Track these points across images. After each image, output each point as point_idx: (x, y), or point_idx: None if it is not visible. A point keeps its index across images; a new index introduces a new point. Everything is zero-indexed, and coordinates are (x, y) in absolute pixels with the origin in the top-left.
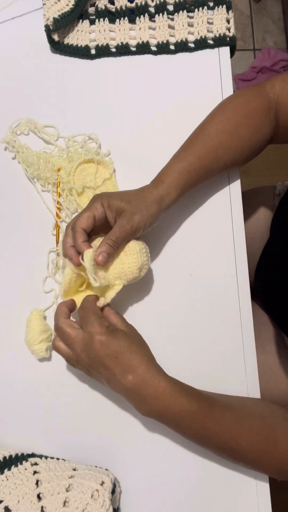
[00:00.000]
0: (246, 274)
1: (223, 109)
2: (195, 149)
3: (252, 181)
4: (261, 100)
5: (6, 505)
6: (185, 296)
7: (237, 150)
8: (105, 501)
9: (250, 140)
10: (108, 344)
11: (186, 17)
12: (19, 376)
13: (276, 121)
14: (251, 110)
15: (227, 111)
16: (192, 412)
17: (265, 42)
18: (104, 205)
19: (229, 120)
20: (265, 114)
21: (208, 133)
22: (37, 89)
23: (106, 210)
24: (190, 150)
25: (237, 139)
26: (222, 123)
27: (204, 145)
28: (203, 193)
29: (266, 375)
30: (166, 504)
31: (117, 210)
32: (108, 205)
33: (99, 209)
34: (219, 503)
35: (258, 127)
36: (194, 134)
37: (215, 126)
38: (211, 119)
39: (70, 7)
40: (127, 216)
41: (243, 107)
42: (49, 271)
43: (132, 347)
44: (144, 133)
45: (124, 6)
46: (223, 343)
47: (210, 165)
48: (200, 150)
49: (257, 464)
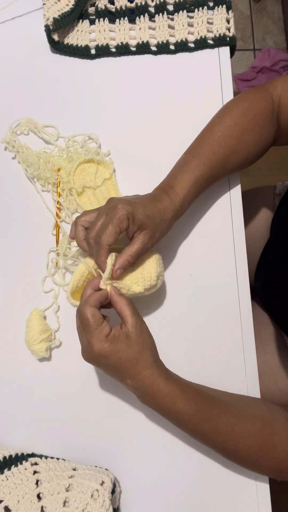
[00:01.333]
0: (246, 274)
1: (230, 113)
2: (206, 158)
3: (252, 181)
4: (265, 103)
5: (6, 505)
6: (185, 296)
7: (243, 156)
8: (105, 501)
9: (256, 145)
10: (107, 356)
11: (186, 17)
12: (19, 376)
13: (278, 123)
14: (257, 115)
15: (235, 116)
16: (188, 415)
17: (265, 42)
18: (129, 219)
19: (238, 125)
20: (269, 118)
21: (218, 138)
22: (37, 89)
23: (130, 223)
24: (201, 159)
25: (243, 145)
26: (231, 128)
27: (215, 152)
28: (203, 193)
29: (266, 375)
30: (166, 504)
31: (141, 226)
32: (133, 220)
33: (125, 224)
34: (219, 503)
35: (263, 132)
36: (203, 138)
37: (224, 131)
38: (220, 124)
39: (70, 7)
40: (149, 233)
41: (249, 111)
42: (48, 271)
43: (133, 355)
44: (144, 133)
45: (124, 6)
46: (223, 343)
47: (218, 173)
48: (211, 158)
49: (254, 465)
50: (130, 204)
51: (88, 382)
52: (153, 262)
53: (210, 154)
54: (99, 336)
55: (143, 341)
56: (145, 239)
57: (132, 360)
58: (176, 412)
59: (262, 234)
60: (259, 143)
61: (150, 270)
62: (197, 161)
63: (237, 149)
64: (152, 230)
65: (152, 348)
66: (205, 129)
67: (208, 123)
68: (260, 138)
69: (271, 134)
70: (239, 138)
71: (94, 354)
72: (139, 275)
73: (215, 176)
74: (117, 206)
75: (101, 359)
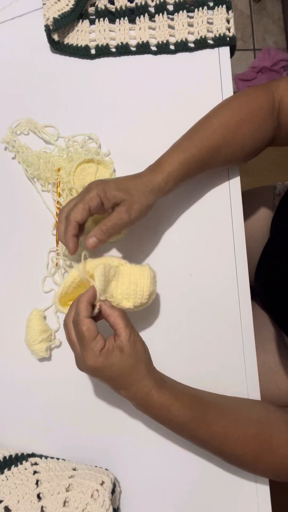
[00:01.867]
0: (246, 274)
1: (229, 104)
2: (198, 141)
3: (252, 181)
4: (267, 99)
5: (6, 505)
6: (185, 296)
7: (238, 147)
8: (105, 501)
9: (251, 137)
10: (101, 369)
11: (186, 17)
12: (19, 376)
13: (278, 122)
14: (256, 108)
15: (233, 106)
16: (183, 422)
17: (265, 42)
18: (100, 196)
19: (234, 115)
20: (269, 113)
21: (213, 125)
22: (37, 89)
23: (103, 199)
24: (194, 141)
25: (239, 135)
26: (227, 117)
27: (208, 138)
28: (203, 193)
29: (266, 375)
30: (166, 504)
31: (115, 200)
32: (105, 195)
33: (94, 201)
34: (219, 503)
35: (261, 126)
36: (198, 124)
37: (220, 119)
38: (217, 113)
39: (70, 7)
40: (126, 205)
41: (248, 104)
42: (48, 271)
43: (126, 369)
44: (144, 133)
45: (124, 6)
46: (223, 343)
47: (210, 159)
48: (204, 142)
49: (253, 468)
50: (102, 182)
51: (88, 382)
52: (147, 280)
53: (202, 139)
54: (93, 350)
55: (136, 353)
56: (122, 210)
57: (125, 373)
58: (170, 420)
59: (262, 234)
60: (256, 136)
61: (143, 288)
62: (188, 143)
63: (232, 138)
64: (129, 202)
65: (146, 359)
66: (202, 118)
67: (207, 113)
68: (258, 132)
69: (270, 129)
70: (235, 127)
71: (87, 367)
72: (131, 291)
73: (206, 161)
74: (89, 186)
75: (95, 372)
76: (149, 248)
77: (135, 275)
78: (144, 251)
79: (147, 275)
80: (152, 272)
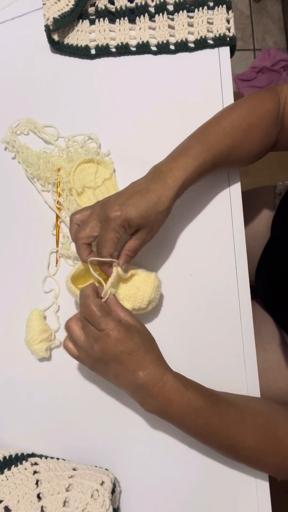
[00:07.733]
0: (246, 273)
1: (239, 108)
2: (211, 146)
3: (252, 181)
4: (274, 102)
5: (6, 505)
6: (185, 296)
7: (245, 151)
8: (105, 501)
9: (259, 142)
10: (124, 341)
11: (186, 17)
12: (19, 376)
13: (281, 126)
14: (265, 112)
15: (244, 110)
16: (197, 408)
17: (265, 42)
18: (125, 226)
19: (245, 118)
20: (275, 117)
21: (224, 128)
22: (37, 89)
23: (127, 229)
24: (206, 146)
25: (247, 140)
26: (238, 121)
27: (219, 142)
28: (203, 193)
29: (266, 373)
30: (166, 504)
31: (138, 227)
32: (129, 225)
33: (120, 231)
34: (219, 503)
35: (268, 130)
36: (209, 127)
37: (231, 122)
38: (228, 115)
39: (70, 7)
40: (147, 230)
41: (258, 107)
42: (49, 271)
43: (146, 344)
44: (144, 133)
45: (124, 6)
46: (223, 343)
47: (219, 163)
48: (216, 146)
49: (260, 461)
50: (122, 210)
51: (88, 382)
52: (150, 287)
53: (215, 142)
54: (113, 320)
55: (150, 336)
56: (143, 236)
57: (146, 348)
58: (186, 405)
59: (263, 234)
60: (262, 141)
61: (144, 293)
62: (201, 147)
63: (241, 143)
64: (150, 226)
65: (158, 347)
66: (211, 119)
67: (215, 115)
68: (264, 137)
69: (275, 134)
70: (245, 132)
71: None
72: (132, 293)
73: (217, 165)
74: (109, 216)
75: (118, 344)
76: (149, 248)
77: (139, 280)
78: (144, 251)
79: (151, 282)
80: (157, 281)
